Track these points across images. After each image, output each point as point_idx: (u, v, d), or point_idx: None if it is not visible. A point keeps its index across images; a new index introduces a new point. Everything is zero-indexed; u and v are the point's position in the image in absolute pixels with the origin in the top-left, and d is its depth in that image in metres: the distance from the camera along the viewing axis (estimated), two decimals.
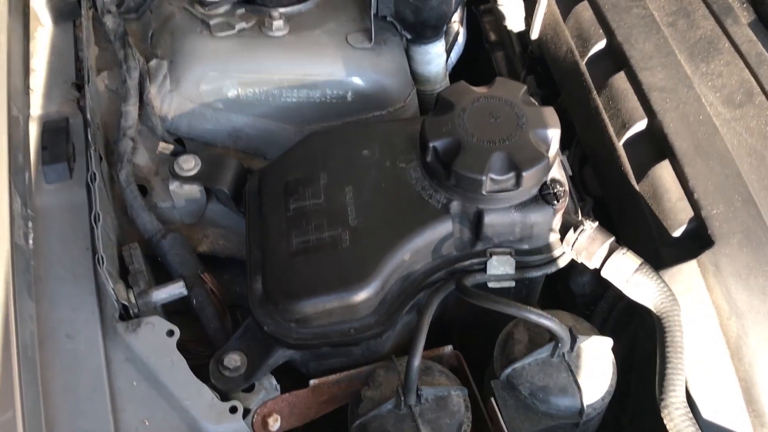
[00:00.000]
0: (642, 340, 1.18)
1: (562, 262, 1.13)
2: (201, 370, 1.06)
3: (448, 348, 1.15)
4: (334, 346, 1.07)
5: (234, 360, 1.08)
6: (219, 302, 1.17)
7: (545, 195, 1.09)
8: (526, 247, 1.12)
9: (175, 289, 1.08)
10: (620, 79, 1.31)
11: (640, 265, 1.05)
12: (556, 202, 1.08)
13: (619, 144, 1.27)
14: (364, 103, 1.28)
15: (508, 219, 1.08)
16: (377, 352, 1.13)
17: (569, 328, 1.04)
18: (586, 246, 1.08)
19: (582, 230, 1.07)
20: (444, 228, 1.08)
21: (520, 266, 1.12)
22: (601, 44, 1.39)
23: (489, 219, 1.07)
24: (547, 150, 1.07)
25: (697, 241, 1.11)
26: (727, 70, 1.25)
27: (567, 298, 1.38)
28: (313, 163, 1.15)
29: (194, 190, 1.18)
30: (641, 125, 1.25)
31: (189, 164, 1.17)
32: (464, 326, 1.24)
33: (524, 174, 1.03)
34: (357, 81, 1.26)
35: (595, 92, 1.35)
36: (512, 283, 1.13)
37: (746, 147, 1.15)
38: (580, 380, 1.04)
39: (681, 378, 0.97)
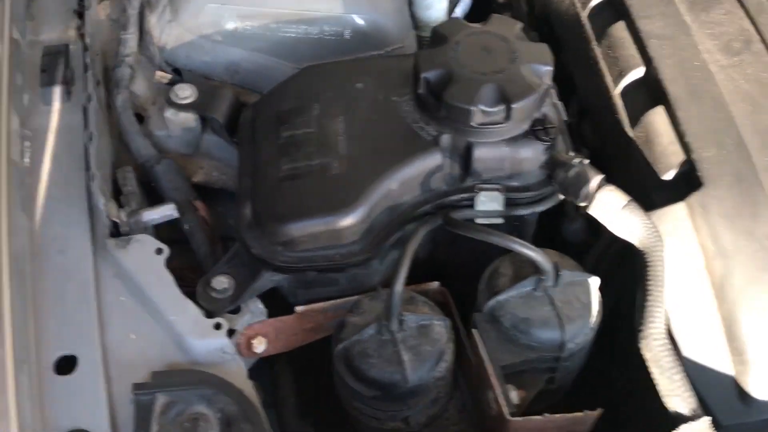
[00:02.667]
0: (630, 287, 1.18)
1: (552, 201, 1.14)
2: (193, 297, 1.08)
3: (435, 284, 1.16)
4: (320, 271, 1.08)
5: (221, 282, 1.09)
6: (210, 230, 1.18)
7: (536, 131, 1.09)
8: (515, 183, 1.12)
9: (166, 211, 1.10)
10: (619, 28, 1.31)
11: (628, 202, 1.05)
12: (546, 138, 1.08)
13: (616, 92, 1.26)
14: (361, 42, 1.28)
15: (497, 153, 1.08)
16: (364, 283, 1.14)
17: (554, 262, 1.05)
18: (574, 182, 1.08)
19: (572, 167, 1.08)
20: (433, 160, 1.08)
21: (508, 203, 1.12)
22: None
23: (478, 153, 1.08)
24: (539, 85, 1.07)
25: (687, 183, 1.11)
26: (727, 18, 1.24)
27: (560, 248, 1.39)
28: (306, 94, 1.16)
29: (189, 118, 1.19)
30: (638, 72, 1.24)
31: (185, 92, 1.18)
32: (453, 267, 1.25)
33: (514, 106, 1.03)
34: (355, 19, 1.26)
35: (594, 42, 1.34)
36: (500, 220, 1.13)
37: (741, 93, 1.15)
38: (563, 314, 1.05)
39: (660, 310, 0.98)
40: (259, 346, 1.09)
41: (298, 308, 1.11)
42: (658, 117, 1.18)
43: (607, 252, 1.27)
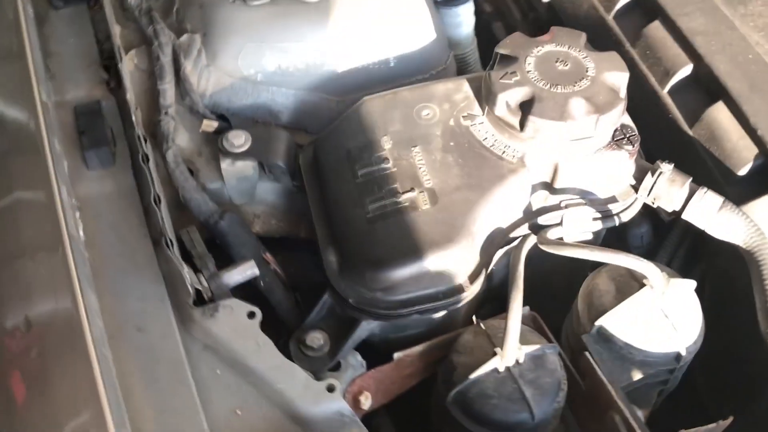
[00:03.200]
0: (713, 283, 1.17)
1: (636, 208, 1.12)
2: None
3: (525, 309, 1.12)
4: (423, 313, 1.02)
5: (317, 339, 1.02)
6: (284, 283, 1.11)
7: (618, 140, 1.07)
8: (600, 196, 1.10)
9: (247, 270, 1.01)
10: (656, 28, 1.30)
11: (724, 202, 1.04)
12: (630, 146, 1.06)
13: (664, 92, 1.26)
14: (406, 68, 1.23)
15: (583, 168, 1.05)
16: (454, 320, 1.09)
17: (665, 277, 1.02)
18: (665, 189, 1.06)
19: (660, 173, 1.06)
20: (522, 182, 1.04)
21: (596, 216, 1.09)
22: None
23: (565, 169, 1.05)
24: (619, 93, 1.05)
25: (766, 176, 1.11)
26: (767, 9, 1.25)
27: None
28: (372, 128, 1.10)
29: (247, 166, 1.11)
30: (686, 71, 1.24)
31: (239, 140, 1.10)
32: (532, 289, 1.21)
33: (603, 117, 1.01)
34: (397, 47, 1.21)
35: (628, 44, 1.34)
36: (590, 236, 1.10)
37: None
38: (677, 324, 1.02)
39: None
40: (366, 402, 1.02)
41: (396, 355, 1.05)
42: (720, 113, 1.18)
43: (677, 251, 1.26)
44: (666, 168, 1.06)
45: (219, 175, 1.13)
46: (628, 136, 1.07)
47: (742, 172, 1.13)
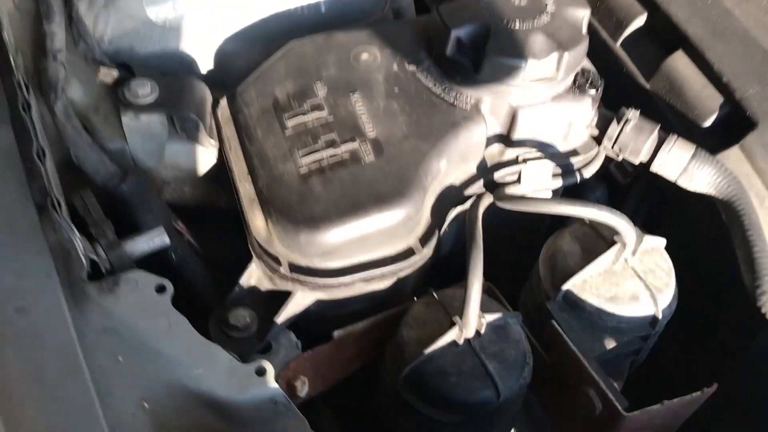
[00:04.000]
0: (679, 245, 1.07)
1: (599, 162, 1.01)
2: None
3: None
4: (368, 281, 0.87)
5: (242, 316, 0.86)
6: (200, 256, 0.94)
7: (580, 85, 0.95)
8: (560, 149, 0.98)
9: (155, 237, 0.84)
10: None
11: (696, 150, 0.94)
12: (594, 90, 0.95)
13: (617, 45, 1.16)
14: (339, 14, 1.09)
15: (543, 115, 0.93)
16: (402, 291, 0.95)
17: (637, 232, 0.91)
18: (632, 138, 0.95)
19: (626, 120, 0.95)
20: (478, 130, 0.91)
21: (556, 172, 0.98)
22: None
23: (523, 117, 0.92)
24: (581, 30, 0.94)
25: (733, 126, 1.02)
26: None
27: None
28: (303, 73, 0.95)
29: (153, 121, 0.94)
30: (640, 21, 1.15)
31: (144, 89, 0.93)
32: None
33: (566, 55, 0.89)
34: None
35: None
36: (549, 193, 0.98)
37: (765, 25, 1.08)
38: (651, 285, 0.91)
39: None
40: (303, 388, 0.86)
41: (337, 333, 0.90)
42: (679, 62, 1.09)
43: (636, 217, 1.16)
44: (632, 115, 0.95)
45: (120, 134, 0.95)
46: (590, 80, 0.96)
47: (707, 123, 1.04)
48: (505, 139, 0.94)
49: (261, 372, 0.78)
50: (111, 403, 0.75)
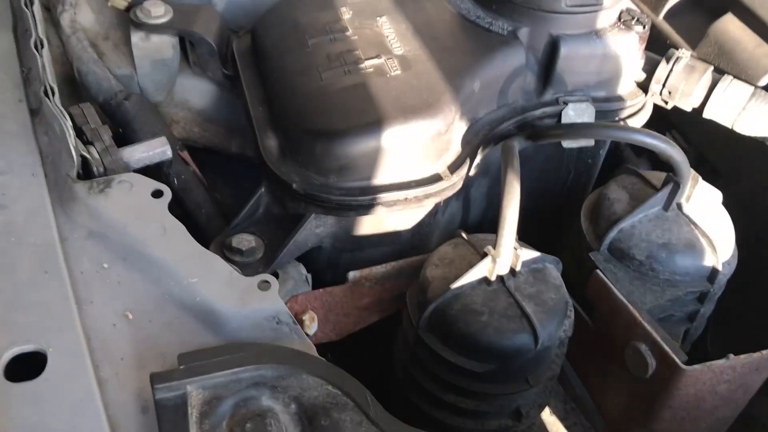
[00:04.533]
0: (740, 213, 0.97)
1: (648, 111, 0.92)
2: None
3: None
4: (390, 206, 0.77)
5: (246, 240, 0.76)
6: (205, 186, 0.85)
7: (626, 21, 0.88)
8: (603, 93, 0.90)
9: (157, 148, 0.76)
10: None
11: (755, 90, 0.85)
12: (641, 27, 0.88)
13: (660, 18, 1.10)
14: None
15: (586, 49, 0.86)
16: (428, 233, 0.85)
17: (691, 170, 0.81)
18: (682, 79, 0.87)
19: (676, 59, 0.87)
20: (515, 56, 0.84)
21: (599, 118, 0.89)
22: None
23: (566, 49, 0.85)
24: None
25: None
26: None
27: None
28: (326, 2, 0.89)
29: (165, 43, 0.88)
30: None
31: (158, 9, 0.87)
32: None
33: None
34: None
35: None
36: (591, 142, 0.89)
37: None
38: (709, 234, 0.81)
39: None
40: (312, 324, 0.76)
41: (352, 274, 0.80)
42: (728, 25, 1.01)
43: None
44: (682, 53, 0.88)
45: (129, 61, 0.89)
46: (636, 17, 0.88)
47: (763, 81, 0.95)
48: (545, 74, 0.87)
49: (264, 287, 0.67)
50: (90, 312, 0.65)
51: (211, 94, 0.93)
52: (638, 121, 0.91)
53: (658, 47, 1.07)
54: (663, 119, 1.01)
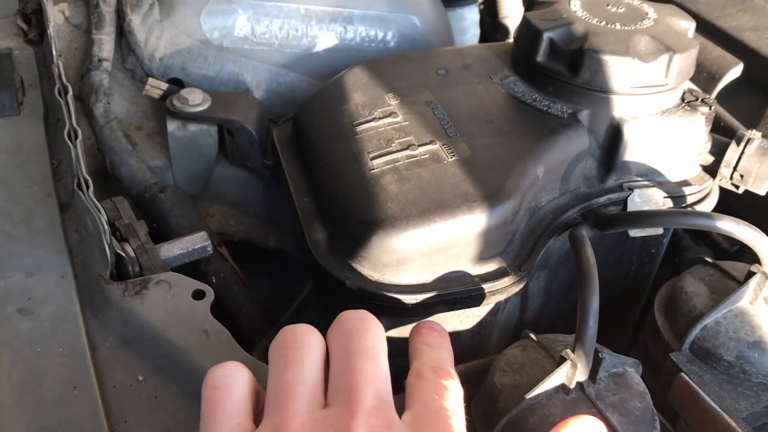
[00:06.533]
0: None
1: (716, 195, 0.86)
2: None
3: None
4: (452, 305, 0.70)
5: None
6: (245, 284, 0.78)
7: (690, 101, 0.83)
8: (669, 178, 0.84)
9: (197, 243, 0.70)
10: None
11: None
12: (707, 108, 0.83)
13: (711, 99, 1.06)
14: (408, 49, 1.01)
15: (651, 133, 0.80)
16: (487, 335, 0.77)
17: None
18: (756, 162, 0.81)
19: (748, 141, 0.81)
20: (579, 140, 0.78)
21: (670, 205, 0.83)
22: None
23: (629, 132, 0.79)
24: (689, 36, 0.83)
25: None
26: None
27: None
28: (374, 85, 0.85)
29: (203, 132, 0.83)
30: (736, 71, 1.05)
31: (196, 97, 0.83)
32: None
33: (677, 58, 0.77)
34: (401, 20, 0.99)
35: None
36: (659, 230, 0.83)
37: None
38: None
39: None
40: None
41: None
42: None
43: None
44: (754, 134, 0.82)
45: (163, 152, 0.84)
46: (701, 97, 0.84)
47: None
48: (607, 159, 0.81)
49: None
50: None
51: (248, 186, 0.88)
52: (706, 207, 0.85)
53: (714, 130, 1.03)
54: (720, 204, 0.95)
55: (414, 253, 0.68)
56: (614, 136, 0.80)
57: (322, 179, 0.76)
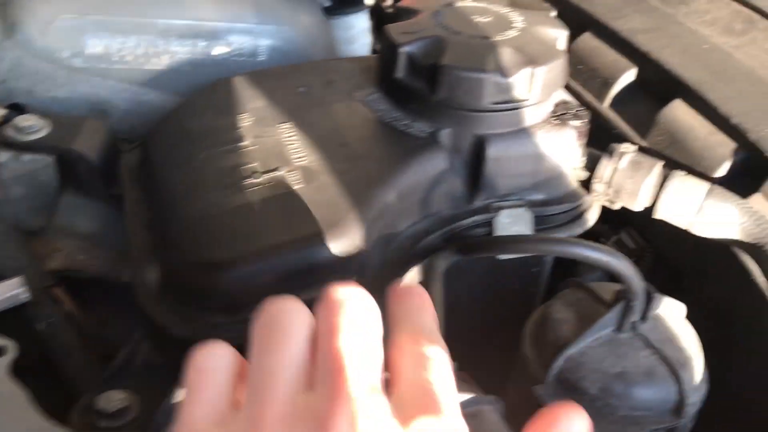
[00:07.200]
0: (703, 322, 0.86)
1: (595, 213, 0.82)
2: None
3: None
4: None
5: (116, 400, 0.63)
6: (81, 329, 0.72)
7: (561, 115, 0.79)
8: (541, 196, 0.80)
9: (9, 289, 0.64)
10: (587, 39, 1.08)
11: (711, 187, 0.76)
12: (578, 121, 0.78)
13: (604, 106, 1.02)
14: (283, 63, 0.95)
15: (517, 149, 0.76)
16: None
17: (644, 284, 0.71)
18: (628, 176, 0.77)
19: (621, 154, 0.77)
20: (435, 161, 0.73)
21: (538, 224, 0.79)
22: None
23: (493, 150, 0.75)
24: (558, 47, 0.78)
25: (751, 172, 0.84)
26: (713, 6, 1.06)
27: None
28: (227, 105, 0.79)
29: (39, 163, 0.76)
30: (630, 76, 1.01)
31: (32, 124, 0.77)
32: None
33: (540, 71, 0.73)
34: (273, 32, 0.93)
35: None
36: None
37: None
38: (670, 358, 0.69)
39: None
40: None
41: None
42: (678, 111, 0.93)
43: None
44: (627, 148, 0.78)
45: None
46: (573, 110, 0.79)
47: (720, 172, 0.86)
48: (473, 179, 0.76)
49: None
50: None
51: (100, 216, 0.82)
52: (584, 225, 0.80)
53: (605, 137, 0.99)
54: (617, 215, 0.91)
55: (247, 293, 0.63)
56: (478, 154, 0.75)
57: (158, 212, 0.70)
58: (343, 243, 0.64)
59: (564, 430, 0.39)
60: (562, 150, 0.78)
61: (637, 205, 0.78)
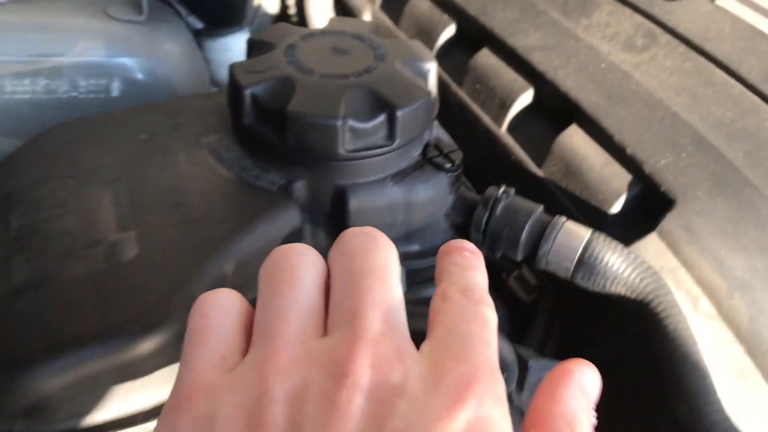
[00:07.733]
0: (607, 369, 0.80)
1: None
2: None
3: None
4: None
5: None
6: None
7: (430, 158, 0.71)
8: (415, 248, 0.72)
9: None
10: (484, 56, 1.01)
11: (592, 234, 0.69)
12: (450, 165, 0.71)
13: (502, 131, 0.94)
14: (138, 101, 0.86)
15: (382, 198, 0.68)
16: None
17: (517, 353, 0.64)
18: (505, 224, 0.70)
19: (496, 199, 0.70)
20: (289, 217, 0.65)
21: (411, 278, 0.71)
22: (450, 30, 1.10)
23: (355, 201, 0.67)
24: (426, 87, 0.71)
25: (648, 208, 0.78)
26: (614, 18, 0.99)
27: None
28: (54, 163, 0.70)
29: None
30: (527, 97, 0.94)
31: None
32: None
33: (399, 114, 0.65)
34: (127, 65, 0.84)
35: (455, 86, 1.04)
36: None
37: (671, 86, 0.87)
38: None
39: (711, 385, 0.59)
40: None
41: None
42: (573, 138, 0.86)
43: (549, 337, 0.89)
44: (502, 193, 0.71)
45: None
46: (445, 152, 0.72)
47: (616, 208, 0.79)
48: (337, 234, 0.68)
49: None
50: None
51: None
52: None
53: (502, 166, 0.93)
54: None
55: (48, 396, 0.54)
56: (339, 207, 0.67)
57: None
58: (160, 334, 0.55)
59: (576, 380, 0.37)
60: (434, 197, 0.70)
61: (517, 255, 0.70)
